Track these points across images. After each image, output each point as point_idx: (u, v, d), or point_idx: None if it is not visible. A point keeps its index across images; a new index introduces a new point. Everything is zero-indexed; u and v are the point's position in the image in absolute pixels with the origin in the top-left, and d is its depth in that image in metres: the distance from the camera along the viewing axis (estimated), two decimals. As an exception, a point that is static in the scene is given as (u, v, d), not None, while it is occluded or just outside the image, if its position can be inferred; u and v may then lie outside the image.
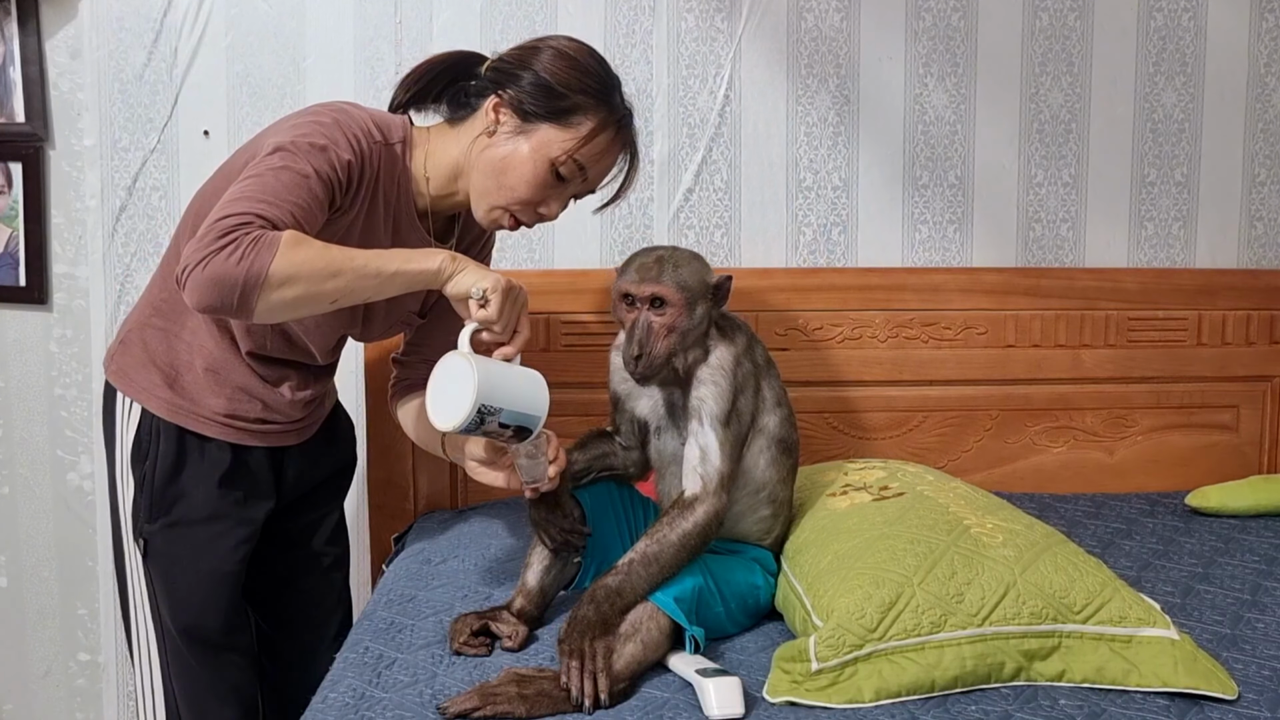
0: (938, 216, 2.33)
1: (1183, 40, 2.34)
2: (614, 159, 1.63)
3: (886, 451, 2.24)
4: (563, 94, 1.55)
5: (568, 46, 1.59)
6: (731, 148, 2.29)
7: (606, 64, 1.61)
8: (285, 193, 1.42)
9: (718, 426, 1.53)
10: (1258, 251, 2.40)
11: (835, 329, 2.23)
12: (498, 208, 1.59)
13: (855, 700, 1.34)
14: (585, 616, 1.38)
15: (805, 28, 2.27)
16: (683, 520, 1.48)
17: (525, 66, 1.57)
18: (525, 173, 1.56)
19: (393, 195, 1.61)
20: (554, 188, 1.58)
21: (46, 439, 2.32)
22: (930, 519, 1.54)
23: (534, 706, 1.32)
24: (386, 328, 1.78)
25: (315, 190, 1.46)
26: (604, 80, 1.58)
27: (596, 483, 1.63)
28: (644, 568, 1.43)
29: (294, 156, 1.46)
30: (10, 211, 2.26)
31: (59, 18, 2.22)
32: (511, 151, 1.56)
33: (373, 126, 1.56)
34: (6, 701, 2.38)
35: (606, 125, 1.57)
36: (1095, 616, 1.40)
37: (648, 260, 1.54)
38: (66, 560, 2.33)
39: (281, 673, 1.84)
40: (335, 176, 1.49)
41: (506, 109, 1.56)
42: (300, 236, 1.39)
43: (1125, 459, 2.30)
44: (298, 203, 1.43)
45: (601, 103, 1.56)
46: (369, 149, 1.54)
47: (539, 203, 1.59)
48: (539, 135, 1.55)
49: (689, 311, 1.53)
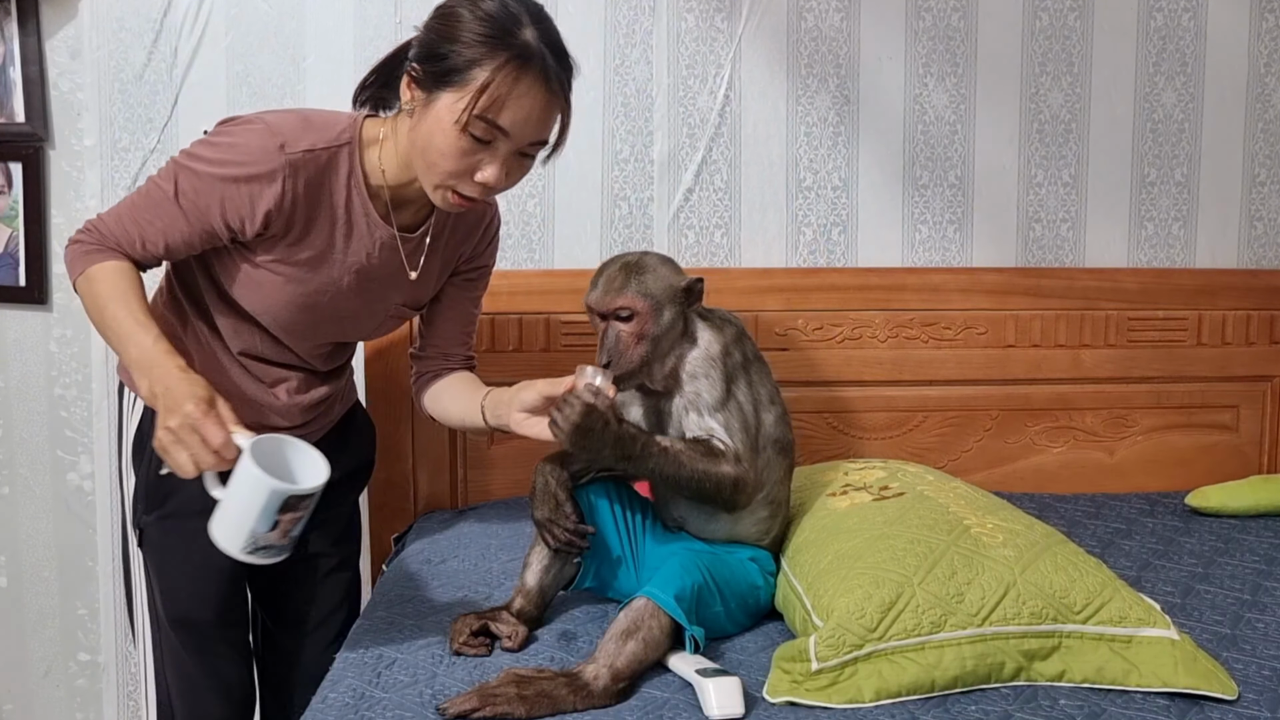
0: (938, 216, 2.33)
1: (1183, 40, 2.34)
2: (532, 102, 1.47)
3: (886, 451, 2.24)
4: (444, 53, 1.45)
5: (450, 5, 1.49)
6: (731, 148, 2.29)
7: (506, 5, 1.48)
8: (136, 211, 1.53)
9: (716, 414, 1.55)
10: (1258, 251, 2.40)
11: (835, 329, 2.23)
12: (438, 187, 1.52)
13: (855, 700, 1.34)
14: (604, 417, 1.44)
15: (805, 28, 2.27)
16: (711, 463, 1.52)
17: (423, 36, 1.51)
18: (441, 144, 1.47)
19: (341, 198, 1.57)
20: (478, 152, 1.48)
21: (46, 439, 2.31)
22: (930, 519, 1.54)
23: (533, 707, 1.31)
24: (376, 326, 1.75)
25: (180, 208, 1.51)
26: (495, 23, 1.45)
27: (594, 482, 1.63)
28: (664, 457, 1.49)
29: (170, 172, 1.53)
30: (10, 211, 2.26)
31: (59, 18, 2.22)
32: (425, 127, 1.49)
33: (301, 135, 1.52)
34: (6, 701, 2.38)
35: (502, 69, 1.43)
36: (1095, 616, 1.40)
37: (612, 272, 1.57)
38: (66, 560, 2.33)
39: (284, 670, 1.84)
40: (228, 213, 1.51)
41: (411, 86, 1.50)
42: (95, 274, 1.51)
43: (1125, 459, 2.30)
44: (148, 220, 1.52)
45: (492, 48, 1.44)
46: (289, 185, 1.51)
47: (471, 171, 1.49)
48: (438, 103, 1.46)
49: (656, 318, 1.55)
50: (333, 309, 1.64)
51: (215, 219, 1.52)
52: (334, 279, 1.61)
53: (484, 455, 2.20)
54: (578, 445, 1.45)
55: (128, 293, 1.50)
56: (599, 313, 1.57)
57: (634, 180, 2.28)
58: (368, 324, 1.72)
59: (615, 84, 2.26)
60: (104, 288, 1.50)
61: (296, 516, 1.34)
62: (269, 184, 1.51)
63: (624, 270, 1.56)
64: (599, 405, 1.45)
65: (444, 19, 1.48)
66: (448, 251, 1.72)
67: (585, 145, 2.26)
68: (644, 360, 1.55)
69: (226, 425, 1.35)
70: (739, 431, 1.55)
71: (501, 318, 2.17)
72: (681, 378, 1.58)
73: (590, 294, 1.58)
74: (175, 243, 1.54)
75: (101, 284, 1.50)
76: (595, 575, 1.61)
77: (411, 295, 1.71)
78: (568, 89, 1.52)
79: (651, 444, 1.50)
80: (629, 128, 2.27)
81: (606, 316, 1.56)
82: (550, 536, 1.53)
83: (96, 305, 1.51)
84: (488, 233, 1.77)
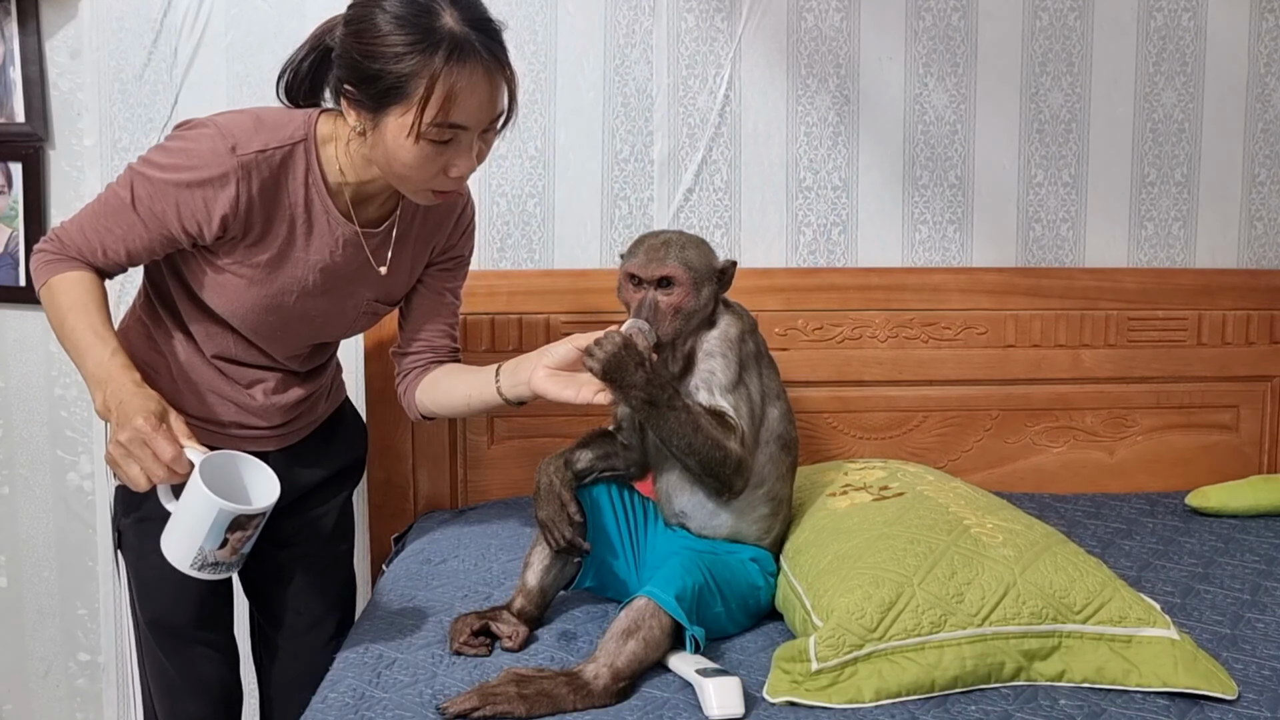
0: (938, 216, 2.33)
1: (1183, 40, 2.34)
2: (478, 88, 1.44)
3: (886, 451, 2.24)
4: (375, 74, 1.42)
5: (359, 11, 1.45)
6: (731, 147, 2.29)
7: (412, 2, 1.43)
8: (96, 219, 1.54)
9: (728, 395, 1.55)
10: (1258, 251, 2.40)
11: (835, 329, 2.23)
12: (417, 191, 1.53)
13: (855, 700, 1.34)
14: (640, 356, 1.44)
15: (805, 28, 2.27)
16: (723, 434, 1.51)
17: (344, 55, 1.47)
18: (405, 159, 1.46)
19: (299, 197, 1.56)
20: (443, 154, 1.47)
21: (46, 439, 2.31)
22: (930, 519, 1.54)
23: (534, 706, 1.31)
24: (349, 325, 1.72)
25: (138, 215, 1.51)
26: (412, 24, 1.41)
27: (597, 483, 1.63)
28: (686, 415, 1.47)
29: (127, 179, 1.53)
30: (10, 211, 2.26)
31: (59, 18, 2.22)
32: (383, 147, 1.48)
33: (253, 135, 1.51)
34: (6, 701, 2.38)
35: (439, 72, 1.40)
36: (1095, 616, 1.40)
37: (655, 242, 1.57)
38: (66, 560, 2.33)
39: (281, 670, 1.83)
40: (185, 218, 1.51)
41: (353, 108, 1.48)
42: (56, 285, 1.52)
43: (1125, 459, 2.30)
44: (107, 228, 1.53)
45: (419, 53, 1.40)
46: (243, 188, 1.50)
47: (442, 170, 1.49)
48: (387, 122, 1.45)
49: (696, 292, 1.56)
50: (300, 309, 1.63)
51: (173, 225, 1.51)
52: (298, 278, 1.60)
53: (484, 455, 2.20)
54: (610, 378, 1.43)
55: (88, 304, 1.50)
56: (643, 279, 1.56)
57: (634, 180, 2.28)
58: (339, 322, 1.70)
59: (615, 84, 2.26)
60: (64, 299, 1.51)
61: (246, 535, 1.34)
62: (222, 187, 1.50)
63: (666, 244, 1.57)
64: (639, 343, 1.46)
65: (359, 35, 1.44)
66: (419, 244, 1.70)
67: (585, 145, 2.26)
68: (676, 334, 1.56)
69: (178, 439, 1.34)
70: (746, 417, 1.56)
71: (501, 318, 2.17)
72: (697, 356, 1.58)
73: (631, 260, 1.57)
74: (136, 249, 1.54)
75: (62, 295, 1.52)
76: (595, 575, 1.61)
77: (383, 291, 1.69)
78: (505, 57, 1.48)
79: (677, 397, 1.48)
80: (629, 127, 2.27)
81: (646, 284, 1.56)
82: (553, 538, 1.53)
83: (57, 316, 1.51)
84: (460, 222, 1.74)
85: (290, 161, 1.54)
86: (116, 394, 1.39)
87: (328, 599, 1.85)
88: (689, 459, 1.51)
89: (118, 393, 1.39)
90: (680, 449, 1.50)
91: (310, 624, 1.82)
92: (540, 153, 2.26)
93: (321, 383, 1.79)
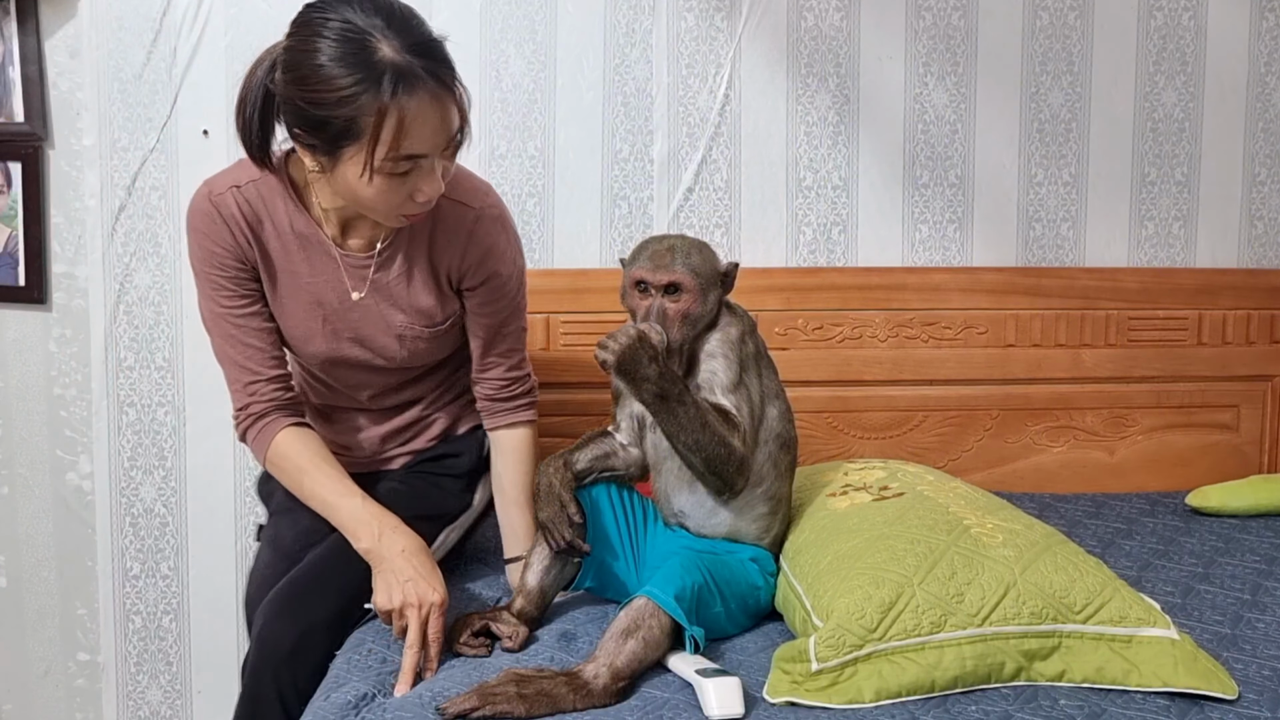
0: (938, 216, 2.33)
1: (1183, 40, 2.34)
2: (427, 115, 1.42)
3: (886, 451, 2.24)
4: (321, 120, 1.42)
5: (295, 56, 1.43)
6: (731, 147, 2.29)
7: (337, 20, 1.40)
8: (230, 351, 1.64)
9: (729, 394, 1.55)
10: (1258, 251, 2.40)
11: (835, 329, 2.23)
12: (388, 217, 1.53)
13: (855, 700, 1.34)
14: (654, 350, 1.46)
15: (805, 27, 2.27)
16: (728, 431, 1.51)
17: (288, 102, 1.45)
18: (369, 195, 1.46)
19: (286, 225, 1.61)
20: (406, 181, 1.46)
21: (46, 439, 2.31)
22: (930, 519, 1.54)
23: (533, 706, 1.31)
24: (400, 348, 1.70)
25: (223, 309, 1.63)
26: (349, 63, 1.39)
27: (597, 484, 1.63)
28: (695, 411, 1.48)
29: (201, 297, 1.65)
30: (9, 211, 2.26)
31: (58, 17, 2.22)
32: (344, 186, 1.48)
33: (223, 177, 1.62)
34: (6, 701, 2.38)
35: (388, 108, 1.39)
36: (1095, 616, 1.40)
37: (660, 248, 1.57)
38: (66, 560, 2.33)
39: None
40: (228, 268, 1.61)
41: (309, 154, 1.48)
42: (273, 459, 1.64)
43: (1125, 459, 2.30)
44: (230, 355, 1.64)
45: (364, 92, 1.38)
46: (227, 213, 1.59)
47: (408, 197, 1.48)
48: (345, 163, 1.45)
49: (703, 298, 1.56)
50: (339, 330, 1.67)
51: (231, 283, 1.62)
52: (319, 298, 1.65)
53: (484, 455, 2.19)
54: (623, 370, 1.45)
55: (308, 463, 1.62)
56: (651, 284, 1.56)
57: (634, 179, 2.28)
58: (390, 345, 1.69)
59: (615, 83, 2.25)
60: (289, 465, 1.63)
61: None
62: (215, 224, 1.60)
63: (671, 249, 1.57)
64: (652, 338, 1.47)
65: (300, 82, 1.42)
66: (432, 264, 1.66)
67: (585, 145, 2.26)
68: (685, 340, 1.56)
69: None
70: (747, 416, 1.56)
71: (501, 317, 2.17)
72: (699, 358, 1.58)
73: (637, 266, 1.57)
74: (261, 334, 1.64)
75: (286, 462, 1.63)
76: (595, 576, 1.61)
77: (415, 313, 1.68)
78: (450, 77, 1.45)
79: (687, 393, 1.49)
80: (629, 127, 2.26)
81: (653, 291, 1.56)
82: (552, 539, 1.53)
83: (294, 483, 1.64)
84: (473, 239, 1.65)
85: (266, 192, 1.60)
86: (378, 559, 1.53)
87: None
88: (694, 455, 1.51)
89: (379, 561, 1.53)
90: (687, 445, 1.50)
91: None
92: (540, 152, 2.26)
93: (407, 416, 1.81)
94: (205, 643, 2.31)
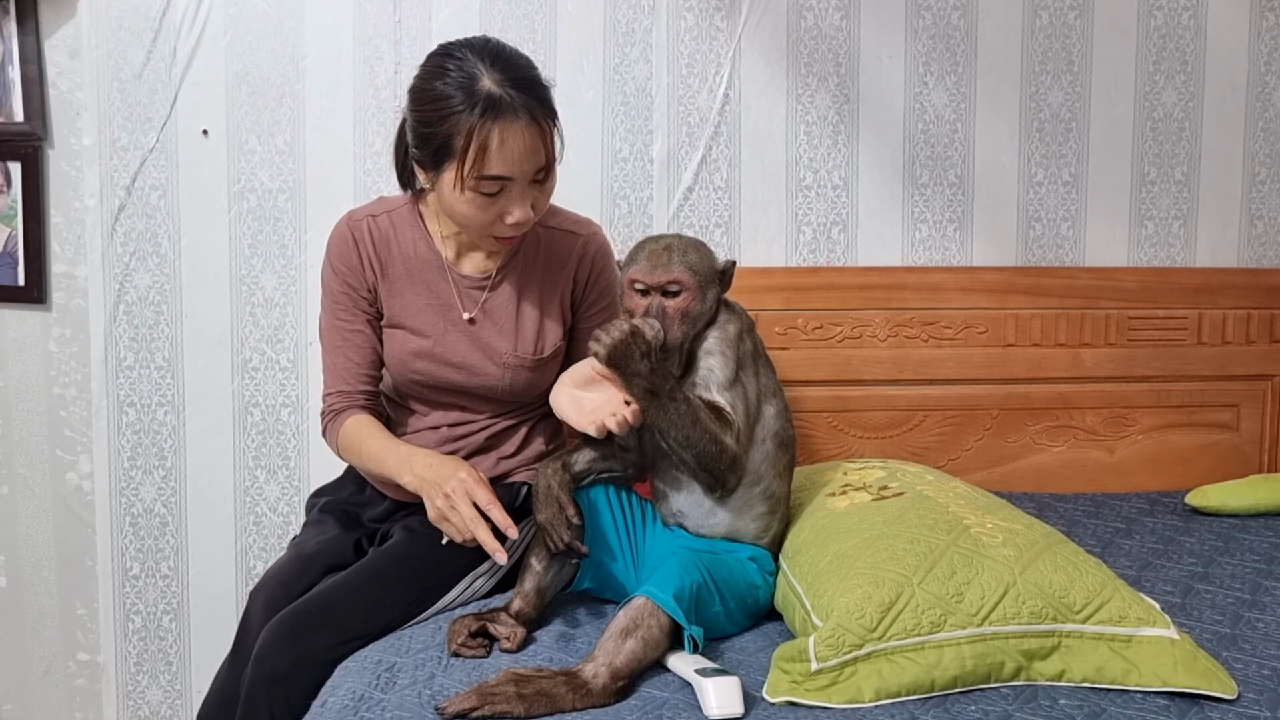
0: (938, 215, 2.33)
1: (1183, 39, 2.34)
2: (514, 142, 1.60)
3: (886, 451, 2.24)
4: (429, 135, 1.62)
5: (419, 84, 1.65)
6: (731, 146, 2.29)
7: (457, 57, 1.61)
8: (332, 360, 1.81)
9: (725, 392, 1.55)
10: (1258, 250, 2.40)
11: (835, 328, 2.23)
12: (480, 237, 1.70)
13: (855, 700, 1.34)
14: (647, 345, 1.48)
15: (805, 26, 2.27)
16: (721, 428, 1.52)
17: (409, 122, 1.67)
18: (461, 210, 1.64)
19: (410, 251, 1.78)
20: (494, 203, 1.63)
21: (46, 439, 2.31)
22: (930, 519, 1.54)
23: (532, 706, 1.31)
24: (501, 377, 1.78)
25: (338, 322, 1.79)
26: (457, 89, 1.59)
27: (595, 485, 1.63)
28: (686, 407, 1.48)
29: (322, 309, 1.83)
30: (9, 211, 2.26)
31: (58, 17, 2.22)
32: (444, 201, 1.67)
33: (361, 212, 1.80)
34: (6, 701, 2.38)
35: (474, 130, 1.58)
36: (1095, 616, 1.40)
37: (657, 248, 1.57)
38: (66, 560, 2.33)
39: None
40: (349, 287, 1.79)
41: (421, 169, 1.68)
42: (341, 443, 1.78)
43: (1125, 458, 2.30)
44: (340, 363, 1.79)
45: (462, 114, 1.58)
46: (359, 237, 1.78)
47: (498, 218, 1.64)
48: (443, 179, 1.64)
49: (701, 296, 1.56)
50: (446, 355, 1.77)
51: (346, 299, 1.78)
52: (429, 322, 1.77)
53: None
54: (614, 364, 1.47)
55: (367, 438, 1.74)
56: (648, 285, 1.56)
57: (633, 179, 2.28)
58: (491, 373, 1.77)
59: (615, 83, 2.25)
60: (352, 441, 1.76)
61: None
62: (347, 246, 1.78)
63: (668, 249, 1.57)
64: (646, 333, 1.47)
65: (416, 104, 1.64)
66: (545, 294, 1.79)
67: (585, 145, 2.25)
68: (685, 338, 1.56)
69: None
70: (742, 415, 1.56)
71: (501, 317, 2.17)
72: (696, 355, 1.58)
73: (634, 268, 1.57)
74: (364, 348, 1.79)
75: (350, 439, 1.76)
76: (594, 576, 1.61)
77: (519, 338, 1.77)
78: (544, 113, 1.62)
79: (678, 389, 1.50)
80: (628, 126, 2.26)
81: (652, 291, 1.56)
82: (551, 540, 1.53)
83: (357, 461, 1.78)
84: (583, 265, 1.81)
85: (397, 221, 1.79)
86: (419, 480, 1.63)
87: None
88: (685, 452, 1.51)
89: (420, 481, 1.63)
90: (678, 441, 1.50)
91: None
92: (540, 152, 2.26)
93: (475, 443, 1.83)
94: (205, 643, 2.31)
